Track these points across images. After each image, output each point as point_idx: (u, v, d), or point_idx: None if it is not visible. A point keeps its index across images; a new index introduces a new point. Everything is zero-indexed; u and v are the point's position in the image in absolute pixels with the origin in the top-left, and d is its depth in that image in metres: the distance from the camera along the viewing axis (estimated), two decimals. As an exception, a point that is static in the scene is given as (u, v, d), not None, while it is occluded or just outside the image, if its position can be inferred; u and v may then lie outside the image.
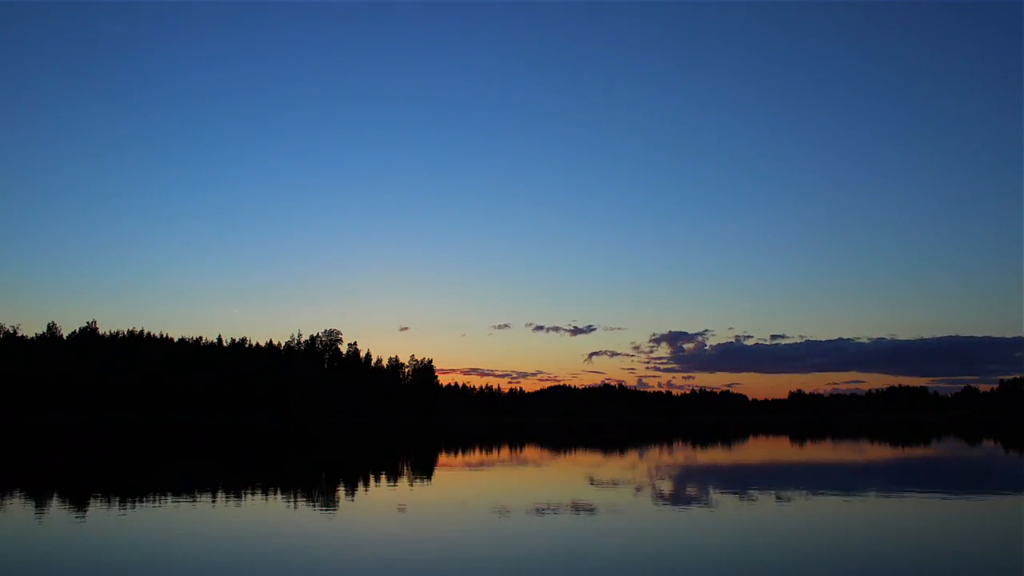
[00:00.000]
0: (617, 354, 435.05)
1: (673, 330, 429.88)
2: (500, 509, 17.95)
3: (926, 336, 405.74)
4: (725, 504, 19.20)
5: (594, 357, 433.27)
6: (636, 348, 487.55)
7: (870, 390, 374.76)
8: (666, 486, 24.09)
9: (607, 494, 21.43)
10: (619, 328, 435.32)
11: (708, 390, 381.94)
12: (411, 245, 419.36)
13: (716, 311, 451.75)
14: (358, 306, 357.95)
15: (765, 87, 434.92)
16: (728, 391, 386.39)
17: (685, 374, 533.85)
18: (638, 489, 22.81)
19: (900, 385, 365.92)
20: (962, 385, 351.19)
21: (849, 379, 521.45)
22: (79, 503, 18.79)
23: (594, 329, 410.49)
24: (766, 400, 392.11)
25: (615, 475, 28.79)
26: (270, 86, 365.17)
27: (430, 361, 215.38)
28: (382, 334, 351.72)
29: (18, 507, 18.09)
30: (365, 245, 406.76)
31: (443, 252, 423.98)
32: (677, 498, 20.68)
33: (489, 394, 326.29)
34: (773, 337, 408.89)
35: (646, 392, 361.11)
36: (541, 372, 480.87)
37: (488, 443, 60.76)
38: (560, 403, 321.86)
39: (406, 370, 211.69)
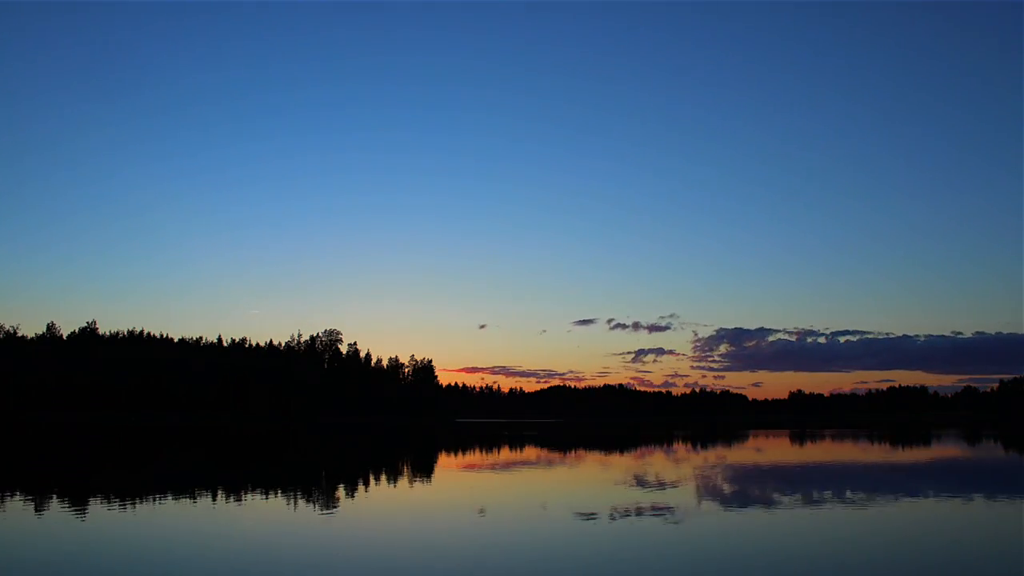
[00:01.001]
0: (666, 352, 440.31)
1: (747, 327, 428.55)
2: (584, 512, 17.46)
3: (989, 332, 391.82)
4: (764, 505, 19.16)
5: (642, 356, 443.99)
6: (696, 346, 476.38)
7: (870, 390, 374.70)
8: (711, 486, 24.03)
9: (667, 495, 21.16)
10: (703, 324, 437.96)
11: (708, 390, 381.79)
12: (490, 242, 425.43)
13: (800, 307, 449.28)
14: (432, 305, 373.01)
15: (823, 86, 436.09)
16: (728, 391, 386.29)
17: (717, 374, 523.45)
18: (696, 490, 22.63)
19: (920, 385, 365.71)
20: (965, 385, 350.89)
21: (881, 378, 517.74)
22: (78, 503, 18.76)
23: (670, 327, 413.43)
24: (765, 400, 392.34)
25: (659, 475, 28.75)
26: (280, 83, 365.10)
27: (430, 361, 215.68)
28: (459, 332, 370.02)
29: (18, 507, 18.07)
30: (438, 244, 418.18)
31: (526, 249, 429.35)
32: (734, 499, 20.54)
33: (488, 394, 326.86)
34: (834, 335, 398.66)
35: (645, 392, 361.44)
36: (572, 372, 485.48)
37: (496, 443, 60.69)
38: (559, 403, 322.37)
39: (406, 370, 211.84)
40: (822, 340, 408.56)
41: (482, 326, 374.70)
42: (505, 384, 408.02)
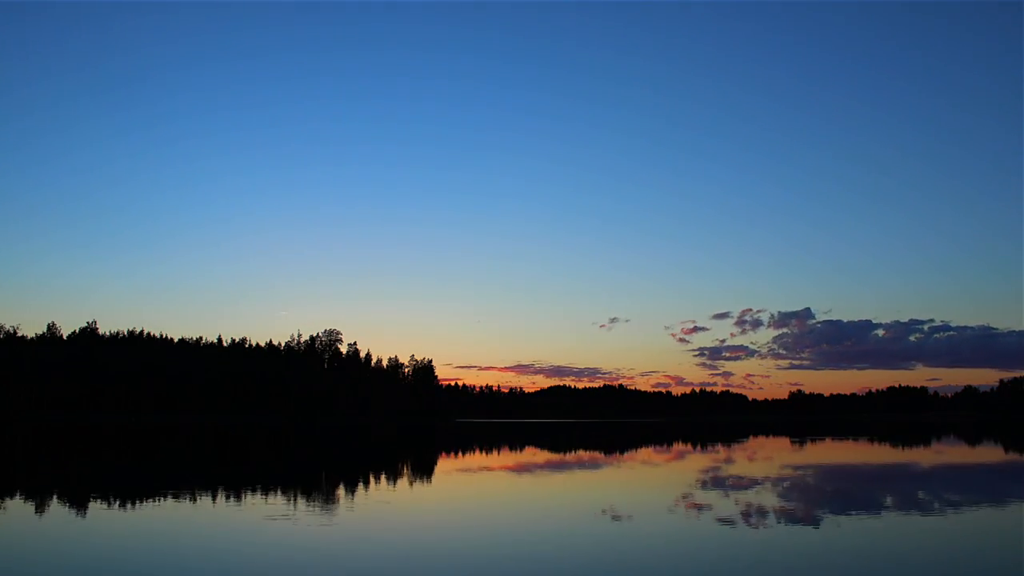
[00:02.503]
0: (742, 349, 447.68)
1: (855, 319, 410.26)
2: (726, 519, 16.61)
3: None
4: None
5: (717, 355, 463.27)
6: (787, 343, 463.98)
7: (870, 390, 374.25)
8: (786, 487, 23.99)
9: (758, 497, 20.97)
10: (821, 318, 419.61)
11: (708, 390, 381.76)
12: (618, 236, 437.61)
13: (918, 300, 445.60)
14: (562, 301, 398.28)
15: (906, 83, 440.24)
16: (728, 391, 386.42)
17: (764, 374, 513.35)
18: (784, 494, 22.51)
19: (901, 384, 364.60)
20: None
21: (932, 376, 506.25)
22: (77, 504, 18.72)
23: (789, 321, 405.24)
24: (765, 400, 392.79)
25: (719, 475, 28.67)
26: (282, 83, 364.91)
27: (430, 361, 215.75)
28: (588, 327, 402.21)
29: (18, 507, 18.03)
30: (565, 242, 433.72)
31: (659, 242, 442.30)
32: (828, 501, 20.49)
33: (489, 394, 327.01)
34: (934, 329, 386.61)
35: (645, 392, 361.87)
36: (617, 370, 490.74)
37: (514, 444, 60.68)
38: (559, 403, 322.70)
39: (406, 370, 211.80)
40: (914, 338, 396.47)
41: (612, 319, 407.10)
42: (545, 383, 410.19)
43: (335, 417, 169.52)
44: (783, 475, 28.64)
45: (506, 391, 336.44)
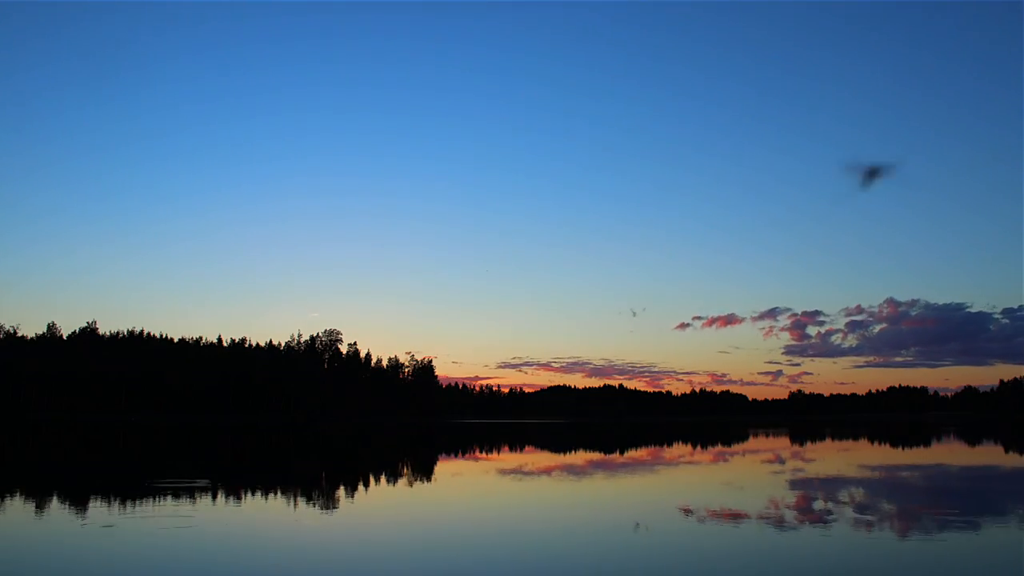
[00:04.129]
0: (828, 345, 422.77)
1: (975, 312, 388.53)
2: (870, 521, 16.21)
3: None
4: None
5: (793, 355, 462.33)
6: (894, 339, 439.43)
7: (870, 390, 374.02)
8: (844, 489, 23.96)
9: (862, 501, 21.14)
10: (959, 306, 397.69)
11: (707, 391, 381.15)
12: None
13: None
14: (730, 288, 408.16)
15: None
16: (728, 392, 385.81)
17: (815, 373, 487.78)
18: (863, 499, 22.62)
19: (901, 385, 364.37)
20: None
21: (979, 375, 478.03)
22: (78, 503, 18.77)
23: (931, 315, 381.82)
24: (765, 400, 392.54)
25: (794, 477, 28.73)
26: (281, 82, 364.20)
27: (430, 361, 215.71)
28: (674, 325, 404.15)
29: (17, 507, 18.08)
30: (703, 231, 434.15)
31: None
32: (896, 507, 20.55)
33: (489, 395, 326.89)
34: None
35: (645, 392, 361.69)
36: (674, 371, 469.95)
37: (529, 444, 60.69)
38: (559, 403, 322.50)
39: (406, 370, 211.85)
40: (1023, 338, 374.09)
41: (772, 310, 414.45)
42: (592, 383, 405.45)
43: (335, 417, 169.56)
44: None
45: (506, 391, 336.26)
